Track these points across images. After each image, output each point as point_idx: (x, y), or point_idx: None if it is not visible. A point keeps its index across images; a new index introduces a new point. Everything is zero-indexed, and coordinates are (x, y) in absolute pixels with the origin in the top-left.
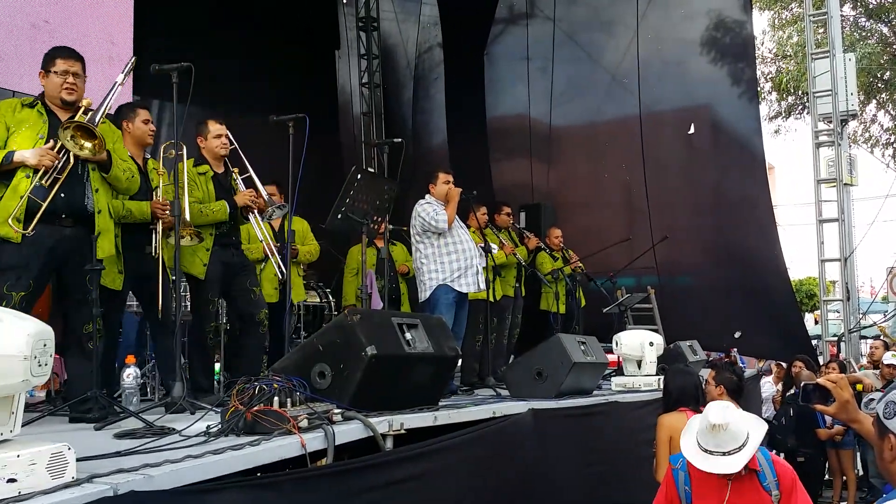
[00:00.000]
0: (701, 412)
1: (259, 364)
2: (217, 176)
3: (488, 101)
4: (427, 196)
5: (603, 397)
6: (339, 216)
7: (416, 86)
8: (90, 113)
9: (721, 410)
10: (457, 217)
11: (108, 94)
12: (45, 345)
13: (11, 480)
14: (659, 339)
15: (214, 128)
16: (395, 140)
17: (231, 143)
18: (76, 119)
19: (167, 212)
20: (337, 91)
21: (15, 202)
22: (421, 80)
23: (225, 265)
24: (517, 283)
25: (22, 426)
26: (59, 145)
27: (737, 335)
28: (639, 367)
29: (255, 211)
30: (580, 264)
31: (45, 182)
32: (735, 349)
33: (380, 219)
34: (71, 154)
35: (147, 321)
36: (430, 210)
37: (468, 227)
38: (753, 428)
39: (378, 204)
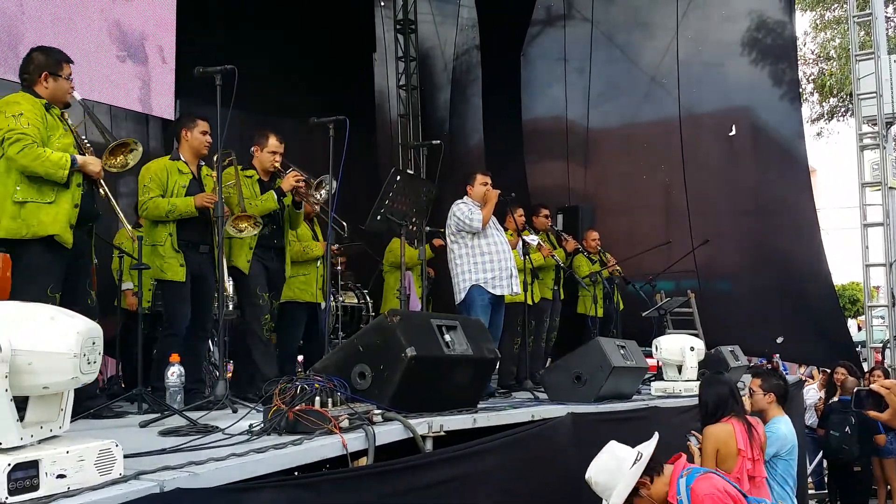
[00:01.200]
0: (746, 419)
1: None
2: (262, 181)
3: (525, 102)
4: (465, 197)
5: (643, 402)
6: (379, 217)
7: (453, 88)
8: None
9: (591, 466)
10: (494, 220)
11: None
12: (93, 343)
13: (61, 476)
14: (700, 344)
15: (273, 143)
16: (434, 142)
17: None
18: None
19: (214, 202)
20: (374, 93)
21: (72, 209)
22: (458, 82)
23: (265, 268)
24: (555, 286)
25: None
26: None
27: (779, 340)
28: (679, 372)
29: (304, 191)
30: (618, 267)
31: (103, 193)
32: (777, 355)
33: (418, 220)
34: None
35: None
36: (465, 209)
37: (505, 229)
38: (623, 470)
39: (417, 205)
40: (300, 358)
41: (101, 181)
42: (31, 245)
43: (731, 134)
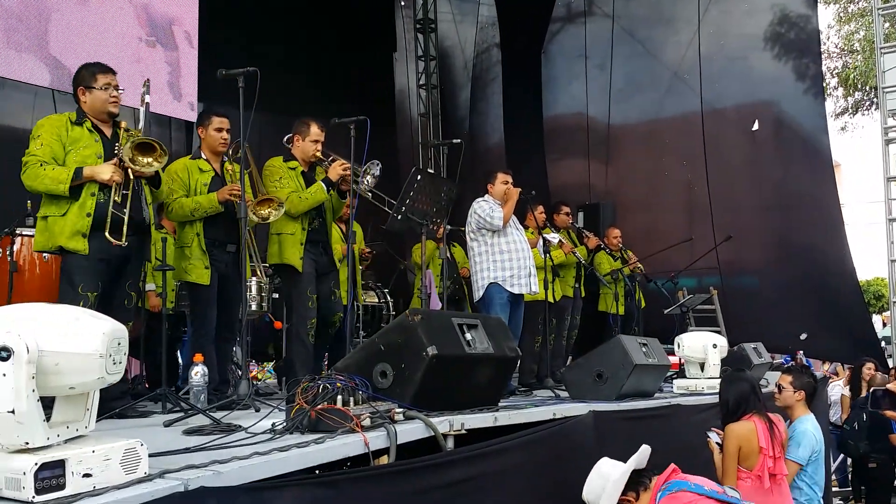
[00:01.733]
0: (767, 416)
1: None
2: (304, 172)
3: (546, 99)
4: (485, 195)
5: (665, 400)
6: (399, 217)
7: (473, 86)
8: (131, 131)
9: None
10: (514, 219)
11: (144, 114)
12: (119, 343)
13: (87, 475)
14: (723, 342)
15: (315, 132)
16: (454, 141)
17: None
18: (134, 137)
19: (238, 193)
20: (394, 93)
21: (82, 218)
22: (478, 81)
23: (314, 263)
24: (576, 284)
25: None
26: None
27: (803, 337)
28: (702, 369)
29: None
30: (639, 265)
31: (117, 197)
32: (801, 352)
33: (439, 220)
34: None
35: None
36: (486, 207)
37: (526, 227)
38: (607, 488)
39: (438, 205)
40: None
41: (131, 184)
42: (64, 254)
43: (753, 129)
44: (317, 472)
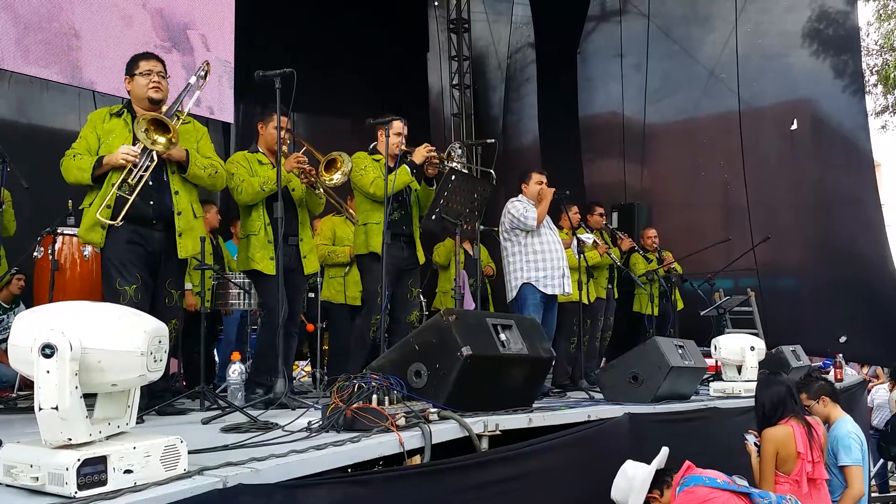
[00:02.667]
0: (805, 420)
1: None
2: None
3: (581, 99)
4: (519, 195)
5: (701, 403)
6: (434, 217)
7: (507, 86)
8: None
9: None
10: (547, 220)
11: (181, 94)
12: (160, 341)
13: (128, 472)
14: (760, 344)
15: (397, 125)
16: (489, 140)
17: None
18: (149, 114)
19: (304, 161)
20: (428, 93)
21: (100, 211)
22: (512, 81)
23: (396, 259)
24: (609, 285)
25: None
26: (140, 145)
27: (842, 340)
28: (739, 372)
29: (438, 162)
30: (676, 266)
31: (132, 181)
32: (840, 354)
33: (473, 219)
34: (154, 153)
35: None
36: (519, 207)
37: (560, 227)
38: (633, 488)
39: (472, 205)
40: None
41: (150, 168)
42: (106, 244)
43: (792, 128)
44: (349, 470)
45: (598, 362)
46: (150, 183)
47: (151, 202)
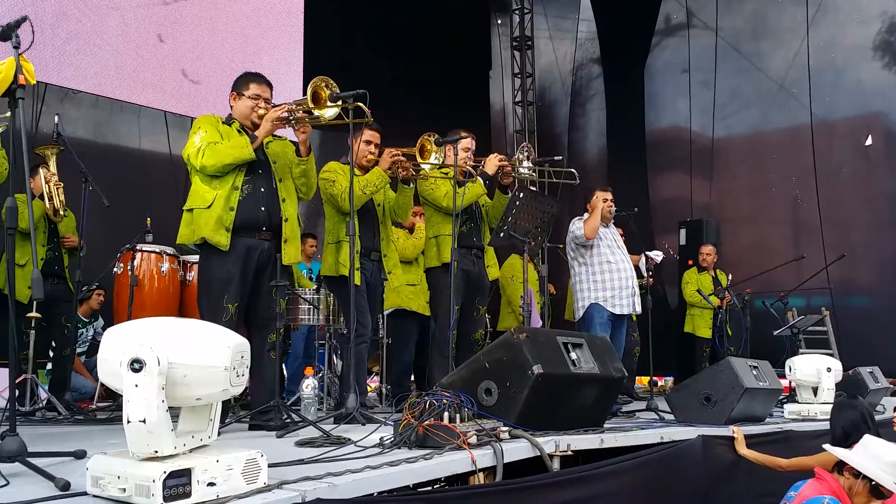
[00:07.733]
0: None
1: None
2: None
3: (648, 115)
4: (584, 213)
5: (776, 425)
6: (502, 234)
7: (572, 102)
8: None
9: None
10: (616, 237)
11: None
12: (242, 356)
13: (211, 484)
14: (837, 365)
15: (465, 142)
16: (556, 158)
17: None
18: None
19: (397, 154)
20: (490, 110)
21: (226, 212)
22: (577, 97)
23: (466, 273)
24: None
25: None
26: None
27: None
28: (814, 394)
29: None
30: (728, 292)
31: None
32: None
33: (541, 237)
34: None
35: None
36: (579, 224)
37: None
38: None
39: (539, 222)
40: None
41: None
42: (203, 251)
43: (867, 144)
44: (411, 485)
45: (632, 381)
46: (262, 190)
47: (263, 208)
